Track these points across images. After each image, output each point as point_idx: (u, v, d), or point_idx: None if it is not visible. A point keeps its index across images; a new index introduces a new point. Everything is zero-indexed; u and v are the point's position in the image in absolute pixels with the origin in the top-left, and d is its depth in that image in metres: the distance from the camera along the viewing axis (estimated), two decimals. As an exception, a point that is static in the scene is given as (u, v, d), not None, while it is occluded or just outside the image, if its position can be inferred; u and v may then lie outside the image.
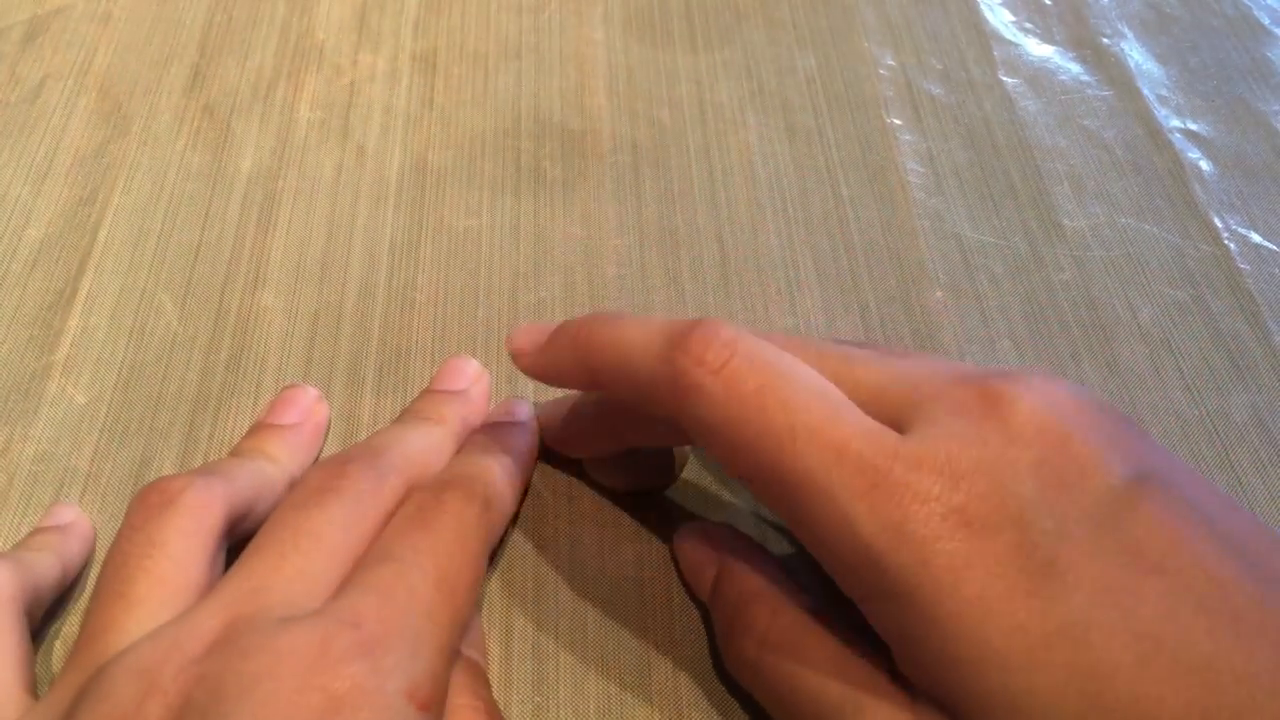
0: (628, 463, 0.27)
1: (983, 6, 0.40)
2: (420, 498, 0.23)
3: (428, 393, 0.28)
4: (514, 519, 0.26)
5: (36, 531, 0.25)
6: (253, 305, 0.30)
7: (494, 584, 0.25)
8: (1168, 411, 0.29)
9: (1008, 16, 0.40)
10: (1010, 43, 0.39)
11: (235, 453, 0.26)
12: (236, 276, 0.31)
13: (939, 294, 0.31)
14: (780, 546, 0.26)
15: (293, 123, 0.35)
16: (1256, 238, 0.33)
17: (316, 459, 0.27)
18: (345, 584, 0.21)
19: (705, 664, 0.24)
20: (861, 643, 0.21)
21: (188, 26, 0.38)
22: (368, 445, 0.24)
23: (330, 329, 0.30)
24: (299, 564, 0.20)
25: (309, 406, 0.27)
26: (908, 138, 0.36)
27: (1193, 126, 0.36)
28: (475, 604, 0.23)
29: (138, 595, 0.20)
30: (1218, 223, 0.34)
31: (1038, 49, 0.39)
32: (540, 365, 0.24)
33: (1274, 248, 0.33)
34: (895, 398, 0.20)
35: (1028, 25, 0.40)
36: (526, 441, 0.27)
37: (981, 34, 0.39)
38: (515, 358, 0.25)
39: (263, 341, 0.30)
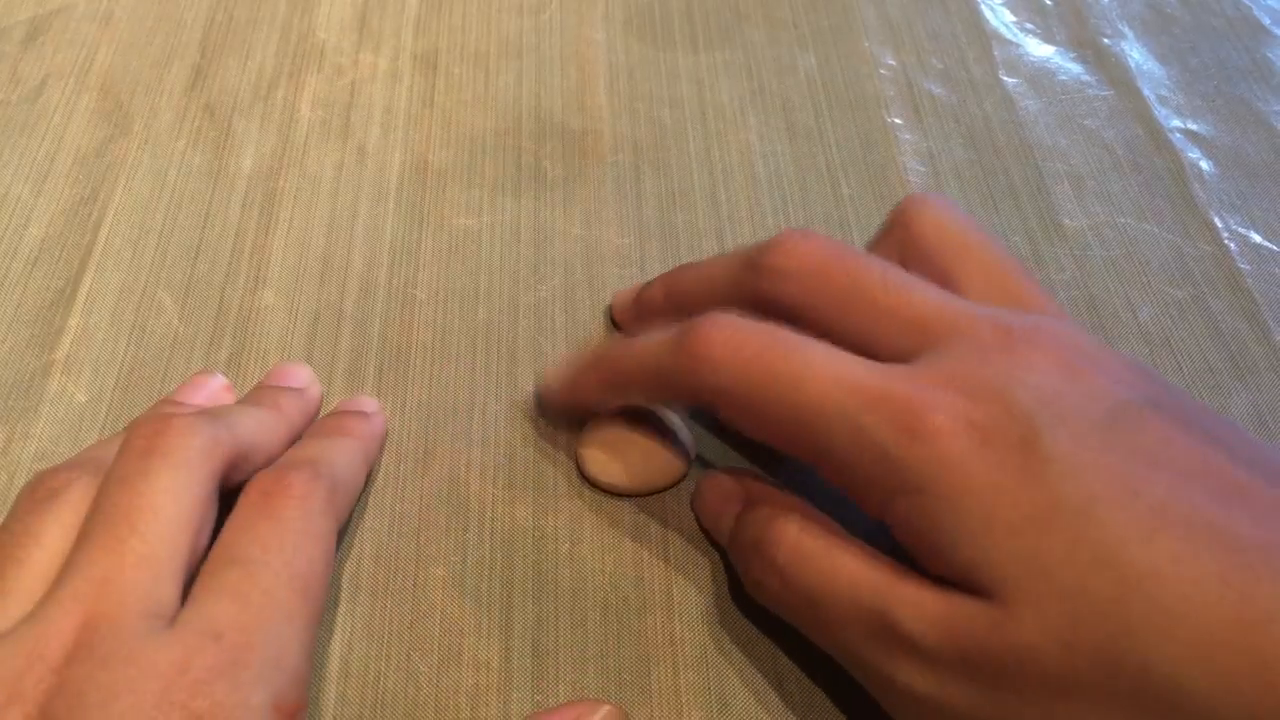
0: (629, 462, 0.27)
1: (983, 6, 0.40)
2: (263, 482, 0.22)
3: (262, 386, 0.27)
4: (507, 517, 0.26)
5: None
6: (253, 304, 0.30)
7: (494, 582, 0.25)
8: (1168, 411, 0.29)
9: (1008, 16, 0.40)
10: (1011, 42, 0.39)
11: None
12: (237, 275, 0.31)
13: (939, 293, 0.31)
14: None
15: (293, 122, 0.35)
16: (1256, 237, 0.33)
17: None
18: (198, 588, 0.20)
19: (705, 663, 0.24)
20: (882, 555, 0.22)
21: (189, 26, 0.38)
22: (195, 409, 0.24)
23: (330, 328, 0.30)
24: (140, 549, 0.20)
25: (217, 390, 0.27)
26: (908, 137, 0.36)
27: (1193, 126, 0.36)
28: (328, 593, 0.23)
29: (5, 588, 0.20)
30: (1218, 222, 0.34)
31: (1038, 49, 0.39)
32: (568, 396, 0.27)
33: (1274, 247, 0.33)
34: (929, 326, 0.22)
35: (1028, 25, 0.40)
36: (370, 427, 0.26)
37: (982, 34, 0.39)
38: (545, 402, 0.28)
39: (263, 340, 0.30)
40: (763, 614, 0.25)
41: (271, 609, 0.20)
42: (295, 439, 0.26)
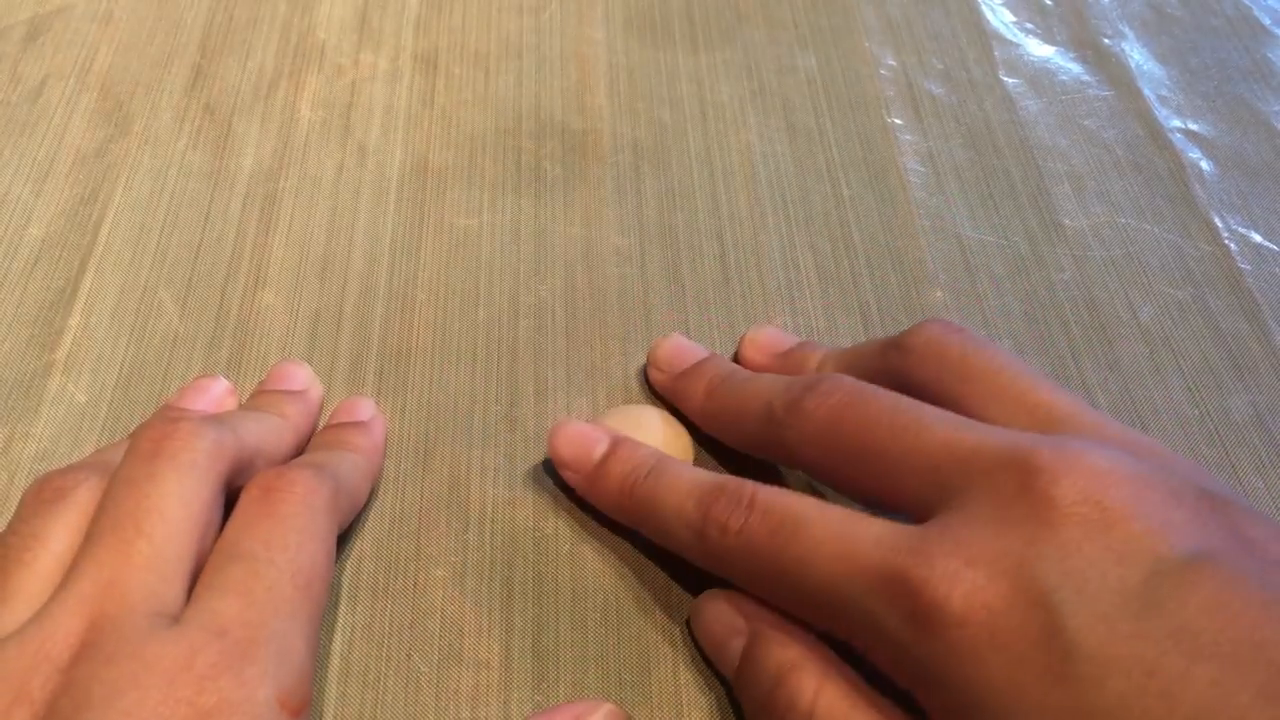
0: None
1: (984, 7, 0.40)
2: (266, 479, 0.22)
3: (263, 391, 0.27)
4: (507, 518, 0.26)
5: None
6: (253, 304, 0.30)
7: (494, 583, 0.25)
8: (1168, 411, 0.29)
9: (1009, 17, 0.40)
10: (1011, 43, 0.39)
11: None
12: (237, 275, 0.31)
13: (939, 294, 0.31)
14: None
15: (294, 122, 0.35)
16: (1257, 237, 0.33)
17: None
18: (201, 585, 0.20)
19: (705, 663, 0.24)
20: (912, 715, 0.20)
21: (189, 26, 0.38)
22: (199, 414, 0.24)
23: (331, 328, 0.30)
24: (146, 551, 0.20)
25: (220, 395, 0.27)
26: (908, 137, 0.36)
27: (1193, 126, 0.36)
28: (330, 593, 0.23)
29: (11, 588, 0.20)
30: (1218, 222, 0.34)
31: (1039, 49, 0.39)
32: (583, 488, 0.26)
33: (1274, 247, 0.33)
34: (942, 473, 0.20)
35: (1029, 25, 0.40)
36: (372, 439, 0.27)
37: (982, 34, 0.39)
38: (559, 467, 0.26)
39: (263, 341, 0.30)
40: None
41: (275, 605, 0.20)
42: (299, 442, 0.26)
